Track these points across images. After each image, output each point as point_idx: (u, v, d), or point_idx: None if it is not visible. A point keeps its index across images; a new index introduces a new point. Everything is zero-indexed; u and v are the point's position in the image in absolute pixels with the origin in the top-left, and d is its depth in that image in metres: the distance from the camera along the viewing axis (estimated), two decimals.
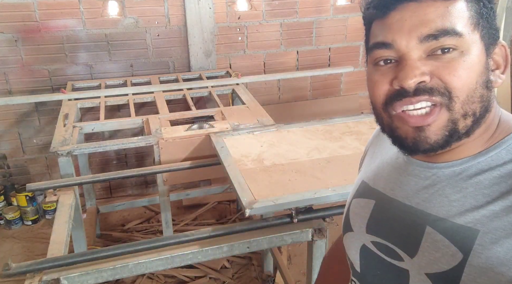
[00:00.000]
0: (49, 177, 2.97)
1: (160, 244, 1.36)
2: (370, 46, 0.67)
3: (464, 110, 0.61)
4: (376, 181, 0.78)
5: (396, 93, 0.63)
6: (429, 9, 0.60)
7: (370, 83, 0.68)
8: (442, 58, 0.60)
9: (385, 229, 0.72)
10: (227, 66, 3.07)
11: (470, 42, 0.60)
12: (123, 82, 2.77)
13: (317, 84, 3.37)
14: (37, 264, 1.26)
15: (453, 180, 0.65)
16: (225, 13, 2.95)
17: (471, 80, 0.60)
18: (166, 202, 2.05)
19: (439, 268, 0.62)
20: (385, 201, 0.74)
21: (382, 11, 0.64)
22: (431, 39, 0.60)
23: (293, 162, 1.66)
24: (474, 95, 0.61)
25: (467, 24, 0.61)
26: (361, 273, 0.77)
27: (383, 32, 0.64)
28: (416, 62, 0.61)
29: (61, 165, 1.87)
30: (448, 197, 0.65)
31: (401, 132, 0.65)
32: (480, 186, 0.62)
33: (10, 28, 2.59)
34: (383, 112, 0.66)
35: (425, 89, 0.61)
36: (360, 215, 0.78)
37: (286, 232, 1.43)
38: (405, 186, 0.71)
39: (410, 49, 0.61)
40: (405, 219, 0.69)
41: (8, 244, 2.64)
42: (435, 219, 0.65)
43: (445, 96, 0.60)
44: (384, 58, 0.65)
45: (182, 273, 2.32)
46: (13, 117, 2.79)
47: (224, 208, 2.96)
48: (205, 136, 1.95)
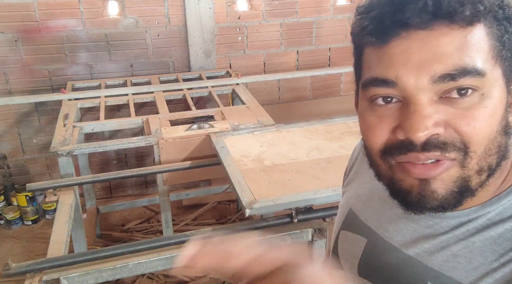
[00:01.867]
0: (49, 177, 2.97)
1: (160, 244, 1.36)
2: (364, 81, 0.53)
3: (479, 166, 0.50)
4: (367, 215, 0.67)
5: (400, 144, 0.50)
6: (444, 40, 0.47)
7: (364, 126, 0.55)
8: (459, 103, 0.48)
9: (381, 276, 0.63)
10: (227, 66, 3.07)
11: (492, 81, 0.48)
12: (123, 82, 2.77)
13: (317, 84, 3.36)
14: (37, 264, 1.26)
15: (459, 232, 0.55)
16: (225, 13, 2.95)
17: (492, 129, 0.49)
18: (166, 202, 2.05)
19: None
20: (379, 243, 0.64)
21: (381, 39, 0.49)
22: (448, 80, 0.47)
23: (293, 162, 1.66)
24: (492, 147, 0.49)
25: (488, 58, 0.48)
26: None
27: (383, 65, 0.50)
28: (427, 108, 0.48)
29: (61, 165, 1.87)
30: (452, 251, 0.55)
31: (405, 185, 0.52)
32: (489, 240, 0.53)
33: (10, 28, 2.59)
34: (381, 161, 0.54)
35: (437, 144, 0.48)
36: (350, 253, 0.68)
37: (286, 232, 1.43)
38: (402, 231, 0.61)
39: (420, 90, 0.48)
40: (403, 269, 0.59)
41: (8, 244, 2.64)
42: (437, 275, 0.55)
43: (461, 151, 0.48)
44: (384, 96, 0.51)
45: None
46: (13, 117, 2.79)
47: (224, 208, 2.96)
48: (205, 136, 1.95)
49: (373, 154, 0.55)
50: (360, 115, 0.56)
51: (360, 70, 0.56)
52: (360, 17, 0.52)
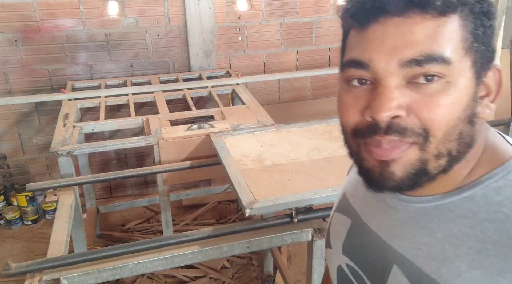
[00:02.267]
0: (49, 177, 2.97)
1: (160, 244, 1.36)
2: (344, 62, 0.57)
3: (438, 150, 0.52)
4: (355, 198, 0.71)
5: (367, 127, 0.54)
6: (416, 27, 0.50)
7: (340, 104, 0.58)
8: (424, 88, 0.51)
9: (358, 254, 0.67)
10: (227, 66, 3.07)
11: (459, 71, 0.51)
12: (123, 82, 2.77)
13: (317, 84, 3.37)
14: (37, 264, 1.26)
15: (422, 219, 0.58)
16: (225, 13, 2.95)
17: (453, 116, 0.51)
18: (166, 202, 2.05)
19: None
20: (360, 224, 0.68)
21: (361, 22, 0.53)
22: (414, 65, 0.50)
23: (293, 162, 1.66)
24: (452, 133, 0.52)
25: (458, 48, 0.51)
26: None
27: (360, 48, 0.54)
28: (393, 91, 0.51)
29: (61, 165, 1.87)
30: (417, 238, 0.58)
31: (368, 165, 0.56)
32: (449, 233, 0.55)
33: (10, 28, 2.59)
34: (352, 140, 0.58)
35: (398, 129, 0.52)
36: (338, 233, 0.73)
37: (286, 232, 1.43)
38: (378, 215, 0.65)
39: (388, 73, 0.51)
40: (375, 250, 0.63)
41: (8, 244, 2.64)
42: (403, 259, 0.59)
43: (421, 136, 0.52)
44: (359, 77, 0.55)
45: (182, 273, 2.32)
46: (13, 117, 2.79)
47: (224, 208, 2.96)
48: (205, 136, 1.95)
49: (347, 132, 0.58)
50: (338, 95, 0.60)
51: (343, 54, 0.59)
52: (347, 2, 0.56)
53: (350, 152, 0.60)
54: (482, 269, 0.51)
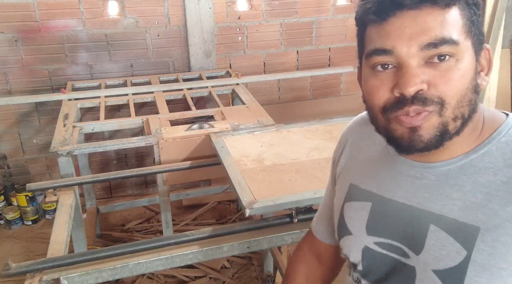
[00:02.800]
0: (49, 177, 2.97)
1: (160, 244, 1.36)
2: (368, 52, 0.67)
3: (454, 114, 0.64)
4: (368, 182, 0.79)
5: (396, 101, 0.65)
6: (429, 17, 0.62)
7: (368, 87, 0.69)
8: (439, 66, 0.62)
9: (388, 229, 0.74)
10: (227, 66, 3.07)
11: (464, 50, 0.63)
12: (123, 82, 2.77)
13: (317, 84, 3.36)
14: (37, 264, 1.26)
15: (451, 178, 0.68)
16: (225, 13, 2.95)
17: (463, 86, 0.63)
18: (166, 202, 2.05)
19: (446, 264, 0.66)
20: (382, 202, 0.76)
21: (381, 17, 0.64)
22: (431, 48, 0.62)
23: (293, 162, 1.66)
24: (463, 100, 0.64)
25: (462, 32, 0.63)
26: (364, 270, 0.79)
27: (382, 38, 0.64)
28: (415, 69, 0.63)
29: (61, 165, 1.87)
30: (448, 195, 0.67)
31: (397, 134, 0.67)
32: (477, 184, 0.66)
33: (10, 28, 2.59)
34: (381, 116, 0.68)
35: (420, 98, 0.63)
36: (357, 218, 0.79)
37: (286, 232, 1.43)
38: (402, 187, 0.73)
39: (410, 56, 0.63)
40: (407, 219, 0.71)
41: (8, 244, 2.64)
42: (438, 217, 0.67)
43: (438, 104, 0.63)
44: (383, 63, 0.66)
45: (182, 273, 2.32)
46: (13, 117, 2.79)
47: (224, 208, 2.96)
48: (205, 136, 1.95)
49: (375, 110, 0.69)
50: (364, 81, 0.70)
51: (363, 46, 0.70)
52: (364, 1, 0.67)
53: (378, 128, 0.71)
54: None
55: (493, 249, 0.62)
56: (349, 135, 0.91)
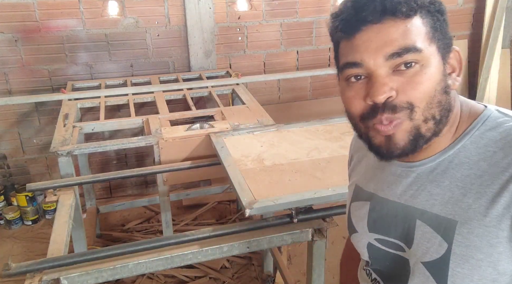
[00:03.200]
0: (49, 177, 2.97)
1: (160, 244, 1.36)
2: (341, 66, 0.72)
3: (424, 116, 0.67)
4: (367, 183, 0.85)
5: (370, 109, 0.69)
6: (391, 29, 0.66)
7: (345, 98, 0.73)
8: (406, 73, 0.66)
9: (384, 226, 0.80)
10: (227, 66, 3.07)
11: (429, 55, 0.67)
12: (123, 82, 2.77)
13: (317, 84, 3.36)
14: (37, 264, 1.26)
15: (431, 175, 0.73)
16: (225, 13, 2.95)
17: (431, 89, 0.67)
18: (166, 202, 2.05)
19: (431, 257, 0.71)
20: (378, 201, 0.81)
21: (348, 33, 0.68)
22: (396, 57, 0.66)
23: (293, 162, 1.66)
24: (432, 102, 0.67)
25: (425, 39, 0.67)
26: (372, 264, 0.85)
27: (352, 52, 0.69)
28: (384, 78, 0.67)
29: (61, 165, 1.87)
30: (430, 191, 0.72)
31: (376, 141, 0.71)
32: (454, 179, 0.70)
33: (10, 28, 2.59)
34: (360, 123, 0.72)
35: (390, 106, 0.67)
36: (360, 217, 0.85)
37: (286, 232, 1.43)
38: (392, 186, 0.78)
39: (378, 67, 0.67)
40: (398, 215, 0.77)
41: (8, 244, 2.64)
42: (422, 212, 0.73)
43: (408, 109, 0.67)
44: (355, 74, 0.70)
45: (182, 273, 2.32)
46: (13, 117, 2.79)
47: (224, 208, 2.96)
48: (205, 136, 1.95)
49: (355, 119, 0.73)
50: (342, 92, 0.75)
51: (338, 61, 0.74)
52: (333, 20, 0.72)
53: (360, 135, 0.75)
54: (485, 197, 0.66)
55: (469, 241, 0.66)
56: (352, 151, 0.97)
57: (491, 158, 0.68)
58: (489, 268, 0.65)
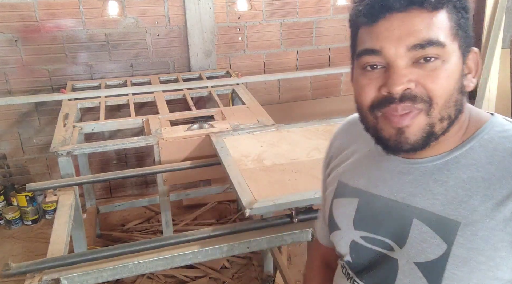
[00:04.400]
0: (49, 177, 2.97)
1: (160, 244, 1.36)
2: (358, 52, 0.69)
3: (441, 115, 0.66)
4: (356, 180, 0.82)
5: (384, 99, 0.67)
6: (416, 20, 0.63)
7: (358, 86, 0.71)
8: (426, 66, 0.64)
9: (373, 223, 0.77)
10: (227, 66, 3.07)
11: (451, 51, 0.65)
12: (123, 82, 2.77)
13: (317, 84, 3.36)
14: (37, 264, 1.26)
15: (435, 174, 0.71)
16: (225, 13, 2.95)
17: (450, 87, 0.65)
18: (166, 202, 2.05)
19: (426, 257, 0.68)
20: (369, 198, 0.78)
21: (371, 19, 0.66)
22: (418, 49, 0.63)
23: (293, 162, 1.66)
24: (450, 101, 0.66)
25: (448, 35, 0.65)
26: (353, 263, 0.82)
27: (372, 39, 0.66)
28: (403, 69, 0.64)
29: (61, 165, 1.87)
30: (431, 190, 0.70)
31: (385, 134, 0.69)
32: (459, 179, 0.68)
33: (10, 28, 2.59)
34: (369, 113, 0.70)
35: (410, 96, 0.65)
36: (345, 214, 0.82)
37: (286, 232, 1.43)
38: (389, 182, 0.75)
39: (398, 57, 0.64)
40: (392, 213, 0.74)
41: (8, 244, 2.64)
42: (421, 211, 0.70)
43: (427, 103, 0.65)
44: (372, 64, 0.68)
45: (182, 273, 2.32)
46: (13, 117, 2.79)
47: (224, 208, 2.96)
48: (205, 136, 1.95)
49: (364, 108, 0.71)
50: (355, 80, 0.72)
51: (355, 47, 0.72)
52: (356, 4, 0.69)
53: (367, 127, 0.73)
54: (492, 200, 0.65)
55: (472, 243, 0.65)
56: (339, 136, 0.93)
57: (499, 162, 0.67)
58: (488, 272, 0.64)
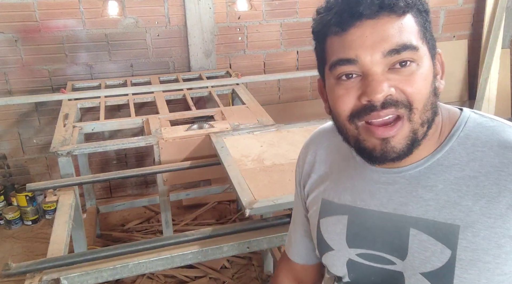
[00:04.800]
0: (49, 177, 2.97)
1: (160, 244, 1.36)
2: (332, 63, 0.67)
3: (421, 119, 0.65)
4: (340, 196, 0.78)
5: (364, 108, 0.65)
6: (387, 25, 0.63)
7: (334, 97, 0.69)
8: (402, 71, 0.64)
9: (368, 239, 0.74)
10: (227, 66, 3.07)
11: (423, 55, 0.65)
12: (123, 82, 2.77)
13: (317, 84, 3.36)
14: (37, 264, 1.26)
15: (422, 180, 0.69)
16: (225, 13, 2.95)
17: (427, 90, 0.65)
18: (166, 202, 2.05)
19: (432, 266, 0.66)
20: (358, 213, 0.75)
21: (342, 28, 0.64)
22: (394, 54, 0.63)
23: (293, 162, 1.66)
24: (427, 104, 0.65)
25: (418, 38, 0.65)
26: (352, 283, 0.78)
27: (345, 48, 0.65)
28: (381, 76, 0.63)
29: (61, 165, 1.87)
30: (422, 196, 0.69)
31: (368, 145, 0.67)
32: (447, 182, 0.67)
33: (10, 28, 2.59)
34: (349, 124, 0.68)
35: (392, 102, 0.64)
36: (336, 233, 0.78)
37: (286, 232, 1.42)
38: (376, 195, 0.73)
39: (374, 64, 0.63)
40: (386, 226, 0.71)
41: (8, 244, 2.64)
42: (416, 220, 0.68)
43: (407, 108, 0.64)
44: (347, 73, 0.66)
45: (182, 273, 2.32)
46: (13, 117, 2.79)
47: (224, 208, 2.96)
48: (205, 136, 1.95)
49: (342, 120, 0.69)
50: (329, 91, 0.71)
51: (324, 58, 0.70)
52: (323, 14, 0.68)
53: (346, 137, 0.71)
54: (484, 198, 0.64)
55: (476, 244, 0.64)
56: (310, 151, 0.89)
57: (481, 158, 0.66)
58: (496, 270, 0.63)
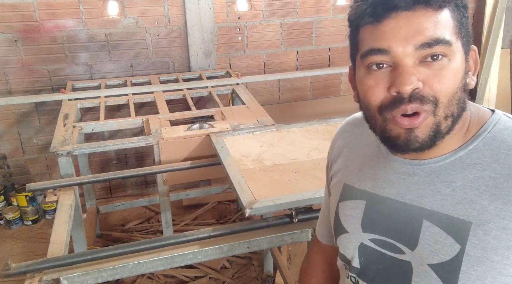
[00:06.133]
0: (49, 177, 2.97)
1: (160, 244, 1.36)
2: (364, 52, 0.68)
3: (445, 113, 0.66)
4: (362, 182, 0.81)
5: (393, 100, 0.66)
6: (422, 18, 0.63)
7: (364, 87, 0.70)
8: (433, 65, 0.64)
9: (382, 226, 0.76)
10: (227, 66, 3.07)
11: (456, 50, 0.65)
12: (123, 82, 2.77)
13: (317, 84, 3.36)
14: (37, 264, 1.26)
15: (441, 175, 0.70)
16: (225, 13, 2.95)
17: (455, 85, 0.65)
18: (166, 202, 2.05)
19: (440, 258, 0.68)
20: (376, 200, 0.77)
21: (376, 19, 0.65)
22: (426, 47, 0.63)
23: (293, 162, 1.66)
24: (453, 99, 0.66)
25: (453, 33, 0.65)
26: (361, 269, 0.80)
27: (378, 38, 0.66)
28: (411, 69, 0.64)
29: (61, 165, 1.87)
30: (440, 191, 0.70)
31: (393, 134, 0.68)
32: (466, 179, 0.68)
33: (10, 28, 2.59)
34: (378, 115, 0.69)
35: (418, 97, 0.64)
36: (352, 216, 0.81)
37: (286, 232, 1.43)
38: (395, 184, 0.75)
39: (406, 56, 0.64)
40: (400, 215, 0.73)
41: (8, 244, 2.64)
42: (430, 213, 0.70)
43: (433, 104, 0.65)
44: (378, 62, 0.67)
45: (182, 273, 2.32)
46: (13, 117, 2.79)
47: (224, 208, 2.96)
48: (205, 136, 1.95)
49: (372, 109, 0.70)
50: (359, 81, 0.71)
51: (356, 47, 0.71)
52: (359, 3, 0.68)
53: (373, 127, 0.72)
54: (501, 199, 0.65)
55: (485, 243, 0.65)
56: (341, 137, 0.93)
57: (504, 160, 0.67)
58: (503, 270, 0.64)
